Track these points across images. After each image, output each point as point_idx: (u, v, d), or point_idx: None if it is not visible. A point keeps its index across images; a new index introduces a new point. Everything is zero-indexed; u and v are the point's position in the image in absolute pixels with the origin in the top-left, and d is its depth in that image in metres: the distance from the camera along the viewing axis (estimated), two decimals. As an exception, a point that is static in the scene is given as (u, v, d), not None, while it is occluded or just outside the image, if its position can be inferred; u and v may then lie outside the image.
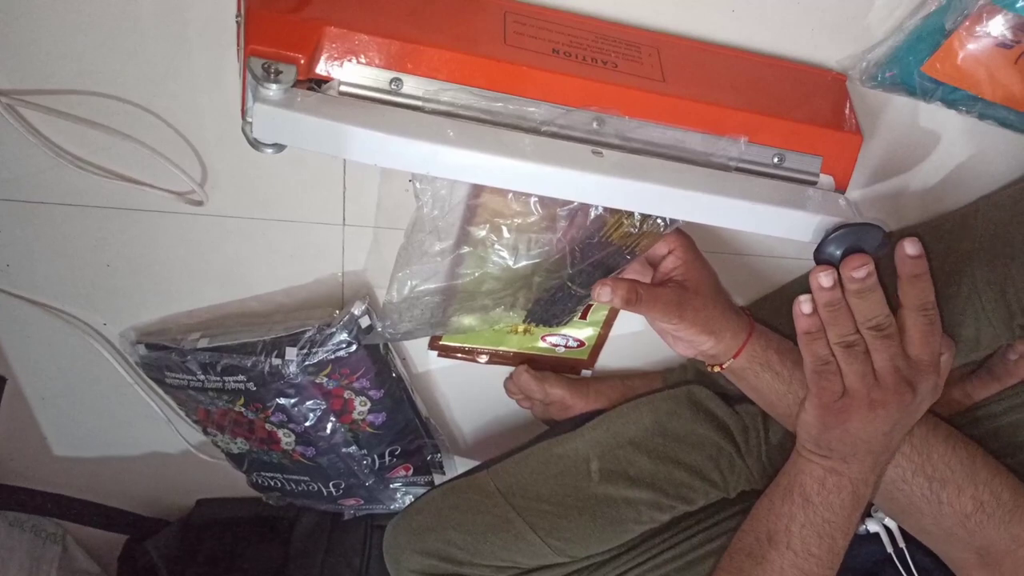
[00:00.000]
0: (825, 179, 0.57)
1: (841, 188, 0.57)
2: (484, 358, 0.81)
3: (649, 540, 0.73)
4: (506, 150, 0.49)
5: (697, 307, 0.57)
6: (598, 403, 0.81)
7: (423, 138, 0.48)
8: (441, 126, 0.49)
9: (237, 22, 0.50)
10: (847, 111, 0.57)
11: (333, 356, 0.70)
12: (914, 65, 0.54)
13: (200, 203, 0.62)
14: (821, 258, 0.54)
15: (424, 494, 0.80)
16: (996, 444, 0.61)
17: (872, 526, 0.66)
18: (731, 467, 0.72)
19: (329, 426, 0.75)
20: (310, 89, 0.48)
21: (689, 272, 0.59)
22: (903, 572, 0.63)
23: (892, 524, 0.66)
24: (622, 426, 0.74)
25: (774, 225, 0.55)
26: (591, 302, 0.64)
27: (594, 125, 0.51)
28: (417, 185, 0.53)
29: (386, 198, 0.65)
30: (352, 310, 0.69)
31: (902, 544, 0.65)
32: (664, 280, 0.59)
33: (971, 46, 0.52)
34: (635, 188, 0.51)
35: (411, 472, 0.86)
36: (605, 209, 0.55)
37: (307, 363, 0.69)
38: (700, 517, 0.74)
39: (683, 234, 0.60)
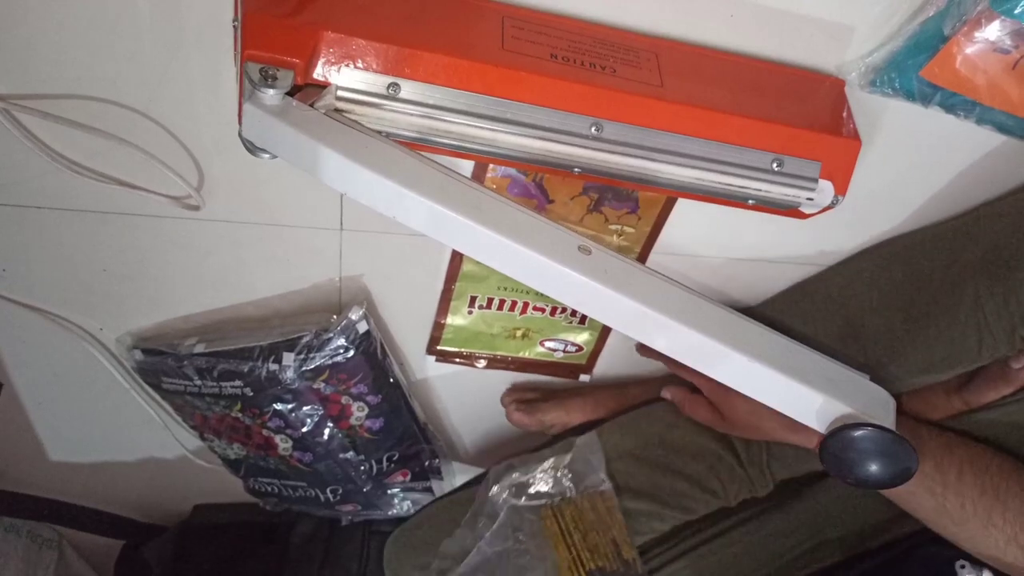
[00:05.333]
0: (824, 184, 0.56)
1: (840, 193, 0.57)
2: (482, 363, 0.81)
3: (650, 550, 0.72)
4: (483, 217, 0.48)
5: (736, 407, 0.63)
6: (596, 413, 0.81)
7: (395, 179, 0.47)
8: (422, 174, 0.48)
9: (234, 26, 0.50)
10: (845, 116, 0.57)
11: (330, 361, 0.69)
12: (913, 70, 0.54)
13: (197, 208, 0.61)
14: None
15: (423, 508, 0.79)
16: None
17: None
18: (732, 476, 0.72)
19: (326, 431, 0.75)
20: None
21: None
22: None
23: None
24: (622, 437, 0.74)
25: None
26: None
27: (592, 130, 0.51)
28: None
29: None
30: (350, 315, 0.69)
31: None
32: None
33: (969, 51, 0.52)
34: (614, 300, 0.51)
35: (409, 478, 0.85)
36: None
37: (304, 368, 0.69)
38: (701, 526, 0.73)
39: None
